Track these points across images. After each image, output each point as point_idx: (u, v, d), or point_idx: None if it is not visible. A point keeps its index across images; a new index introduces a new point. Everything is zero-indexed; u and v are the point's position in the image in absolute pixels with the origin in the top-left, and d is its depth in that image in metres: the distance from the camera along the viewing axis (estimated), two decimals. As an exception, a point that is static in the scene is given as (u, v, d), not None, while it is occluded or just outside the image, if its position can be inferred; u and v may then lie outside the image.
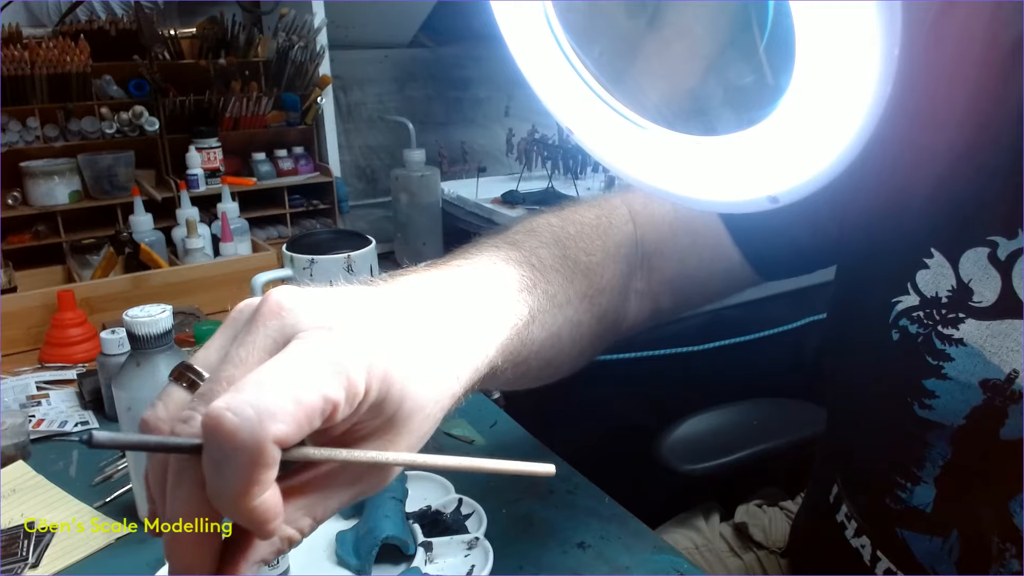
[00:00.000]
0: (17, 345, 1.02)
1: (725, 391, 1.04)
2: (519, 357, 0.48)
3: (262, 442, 0.29)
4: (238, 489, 0.29)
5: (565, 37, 0.49)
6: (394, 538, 0.60)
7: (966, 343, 0.51)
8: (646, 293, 0.64)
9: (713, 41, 0.43)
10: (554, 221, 0.58)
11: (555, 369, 0.55)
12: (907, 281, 0.54)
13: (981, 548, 0.54)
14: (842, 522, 0.65)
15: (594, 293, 0.56)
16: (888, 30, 0.31)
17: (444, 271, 0.46)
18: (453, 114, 1.80)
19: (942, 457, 0.54)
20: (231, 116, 1.40)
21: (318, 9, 1.44)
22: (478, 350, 0.42)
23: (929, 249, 0.53)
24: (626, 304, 0.62)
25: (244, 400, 0.29)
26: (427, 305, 0.41)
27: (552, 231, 0.56)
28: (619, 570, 0.62)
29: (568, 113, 0.50)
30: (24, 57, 1.22)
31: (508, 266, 0.50)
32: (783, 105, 0.37)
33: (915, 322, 0.54)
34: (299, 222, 1.49)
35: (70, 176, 1.27)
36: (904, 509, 0.58)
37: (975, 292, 0.51)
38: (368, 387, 0.32)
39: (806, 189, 0.38)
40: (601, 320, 0.57)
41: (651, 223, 0.63)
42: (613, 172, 0.49)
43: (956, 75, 0.52)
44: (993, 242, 0.50)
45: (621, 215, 0.63)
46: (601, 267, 0.58)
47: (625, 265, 0.61)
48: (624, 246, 0.61)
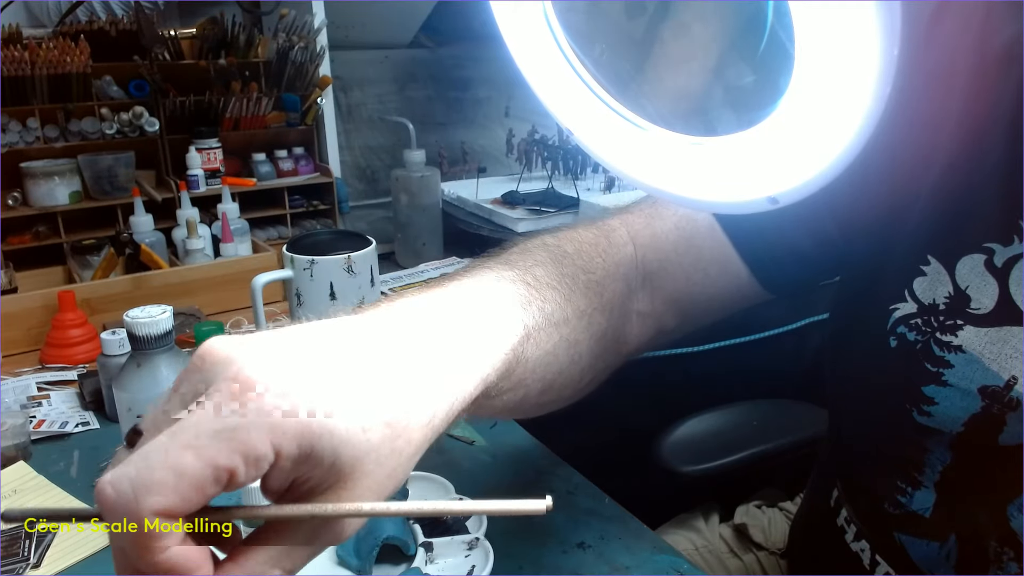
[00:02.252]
0: (18, 346, 1.02)
1: (725, 392, 1.04)
2: (516, 377, 0.47)
3: (139, 516, 0.29)
4: (133, 554, 0.30)
5: (565, 37, 0.49)
6: (394, 538, 0.60)
7: (965, 350, 0.51)
8: (649, 314, 0.63)
9: (713, 42, 0.43)
10: (550, 240, 0.58)
11: (556, 393, 0.54)
12: (904, 288, 0.54)
13: (979, 552, 0.54)
14: (842, 526, 0.65)
15: (593, 311, 0.55)
16: (887, 30, 0.31)
17: (435, 293, 0.45)
18: (453, 115, 1.80)
19: (941, 463, 0.54)
20: (231, 117, 1.40)
21: (318, 10, 1.44)
22: (462, 375, 0.41)
23: (926, 256, 0.53)
24: (627, 325, 0.61)
25: (123, 474, 0.30)
26: (403, 335, 0.40)
27: (548, 250, 0.56)
28: (619, 570, 0.62)
29: (568, 114, 0.50)
30: (24, 57, 1.22)
31: (501, 284, 0.49)
32: (783, 106, 0.38)
33: (913, 329, 0.53)
34: (299, 223, 1.48)
35: (70, 177, 1.27)
36: (903, 514, 0.58)
37: (973, 299, 0.51)
38: (278, 447, 0.31)
39: (806, 190, 0.38)
40: (600, 340, 0.56)
41: (652, 242, 0.63)
42: (613, 173, 0.49)
43: (949, 80, 0.52)
44: (989, 249, 0.50)
45: (620, 236, 0.62)
46: (601, 285, 0.57)
47: (624, 285, 0.60)
48: (623, 265, 0.60)
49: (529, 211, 1.44)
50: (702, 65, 0.44)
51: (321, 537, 0.35)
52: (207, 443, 0.30)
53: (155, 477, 0.30)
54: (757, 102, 0.40)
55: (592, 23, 0.49)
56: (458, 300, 0.45)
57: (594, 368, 0.57)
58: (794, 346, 1.29)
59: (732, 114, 0.43)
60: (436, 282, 0.48)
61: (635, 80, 0.48)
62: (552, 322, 0.50)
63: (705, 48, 0.44)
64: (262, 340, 0.35)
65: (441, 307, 0.44)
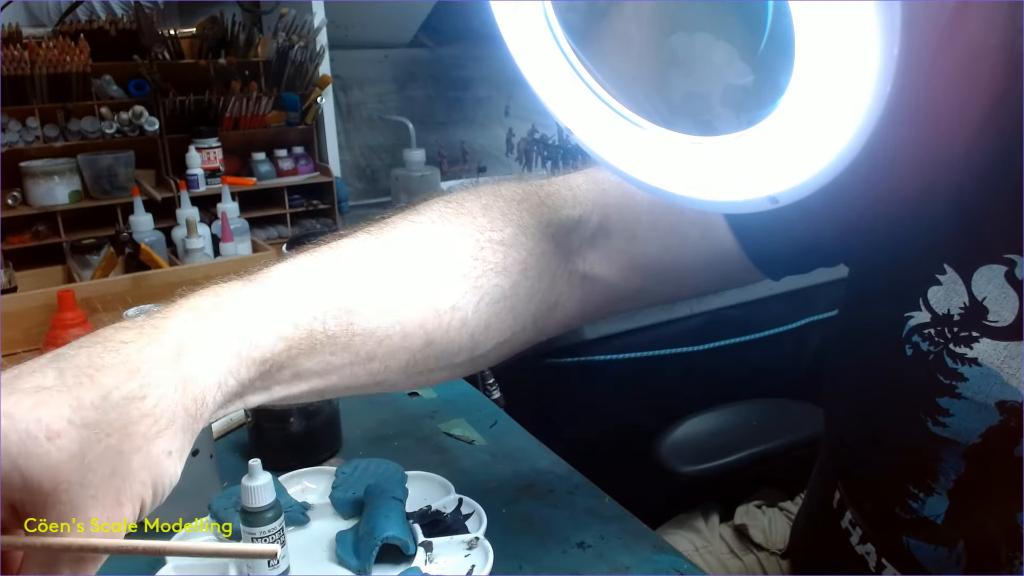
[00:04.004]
0: (17, 345, 1.02)
1: (725, 391, 1.04)
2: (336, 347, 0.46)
3: None
4: None
5: (565, 37, 0.49)
6: (394, 538, 0.60)
7: (981, 363, 0.49)
8: (599, 278, 0.59)
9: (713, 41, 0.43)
10: (452, 198, 0.56)
11: (437, 361, 0.53)
12: (919, 297, 0.52)
13: (989, 557, 0.53)
14: (847, 528, 0.64)
15: (484, 273, 0.53)
16: (887, 29, 0.31)
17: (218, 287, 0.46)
18: (453, 114, 1.80)
19: (955, 472, 0.53)
20: (231, 116, 1.40)
21: (318, 9, 1.43)
22: (206, 358, 0.40)
23: (942, 264, 0.51)
24: (558, 288, 0.58)
25: None
26: (134, 331, 0.39)
27: (434, 210, 0.54)
28: (619, 570, 0.62)
29: (568, 113, 0.50)
30: (24, 57, 1.22)
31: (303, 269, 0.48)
32: (783, 105, 0.37)
33: (926, 339, 0.52)
34: (299, 222, 1.48)
35: (70, 176, 1.27)
36: (914, 519, 0.56)
37: (991, 311, 0.49)
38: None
39: (806, 189, 0.38)
40: (500, 302, 0.54)
41: (623, 200, 0.59)
42: (613, 173, 0.49)
43: (971, 81, 0.49)
44: (1010, 260, 0.48)
45: (562, 196, 0.59)
46: (505, 245, 0.54)
47: (553, 245, 0.57)
48: (553, 225, 0.57)
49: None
50: (702, 64, 0.44)
51: (60, 566, 0.34)
52: None
53: None
54: (757, 101, 0.40)
55: (592, 23, 0.49)
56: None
57: (499, 333, 0.55)
58: (794, 346, 1.29)
59: (732, 113, 0.43)
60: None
61: (634, 79, 0.48)
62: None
63: (705, 47, 0.44)
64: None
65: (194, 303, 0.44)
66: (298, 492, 0.69)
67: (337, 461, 0.79)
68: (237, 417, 0.86)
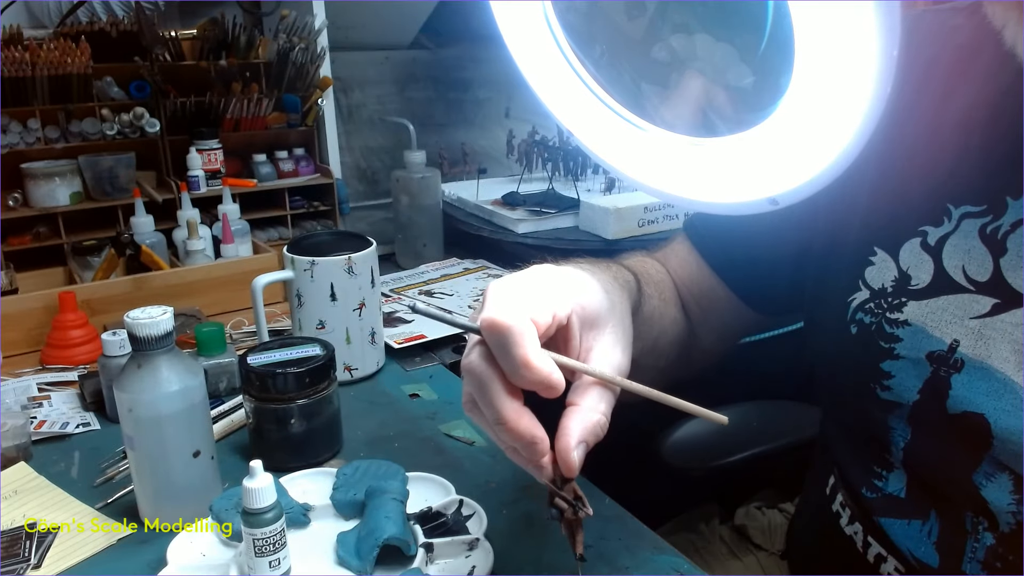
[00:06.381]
0: (18, 347, 1.02)
1: (725, 392, 1.03)
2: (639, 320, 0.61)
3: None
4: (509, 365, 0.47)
5: (565, 38, 0.49)
6: (395, 539, 0.60)
7: (910, 323, 0.56)
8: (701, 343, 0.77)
9: (713, 43, 0.43)
10: (626, 264, 0.70)
11: (655, 359, 0.69)
12: (858, 279, 0.60)
13: (957, 525, 0.56)
14: (837, 511, 0.67)
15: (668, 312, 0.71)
16: (887, 30, 0.31)
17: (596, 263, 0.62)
18: (453, 115, 1.80)
19: (903, 439, 0.58)
20: (232, 117, 1.40)
21: (319, 11, 1.44)
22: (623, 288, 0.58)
23: (873, 248, 0.59)
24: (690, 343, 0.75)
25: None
26: (600, 276, 0.56)
27: (624, 272, 0.65)
28: (619, 570, 0.62)
29: (568, 114, 0.50)
30: (25, 58, 1.22)
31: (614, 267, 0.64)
32: (782, 106, 0.38)
33: (867, 313, 0.59)
34: (300, 223, 1.48)
35: (71, 177, 1.27)
36: (880, 497, 0.61)
37: (913, 277, 0.57)
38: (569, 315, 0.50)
39: (806, 191, 0.38)
40: (678, 340, 0.72)
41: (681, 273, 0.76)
42: (613, 174, 0.49)
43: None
44: (923, 231, 0.56)
45: (658, 270, 0.75)
46: (665, 304, 0.71)
47: (677, 311, 0.73)
48: (671, 290, 0.74)
49: (529, 212, 1.44)
50: (702, 66, 0.44)
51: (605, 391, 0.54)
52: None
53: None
54: (757, 103, 0.40)
55: (592, 23, 0.49)
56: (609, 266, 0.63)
57: (677, 355, 0.73)
58: (794, 347, 1.29)
59: (732, 115, 0.43)
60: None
61: (635, 80, 0.48)
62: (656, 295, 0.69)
63: (705, 49, 0.44)
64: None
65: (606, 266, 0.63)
66: (299, 493, 0.69)
67: (338, 462, 0.79)
68: (238, 418, 0.86)
